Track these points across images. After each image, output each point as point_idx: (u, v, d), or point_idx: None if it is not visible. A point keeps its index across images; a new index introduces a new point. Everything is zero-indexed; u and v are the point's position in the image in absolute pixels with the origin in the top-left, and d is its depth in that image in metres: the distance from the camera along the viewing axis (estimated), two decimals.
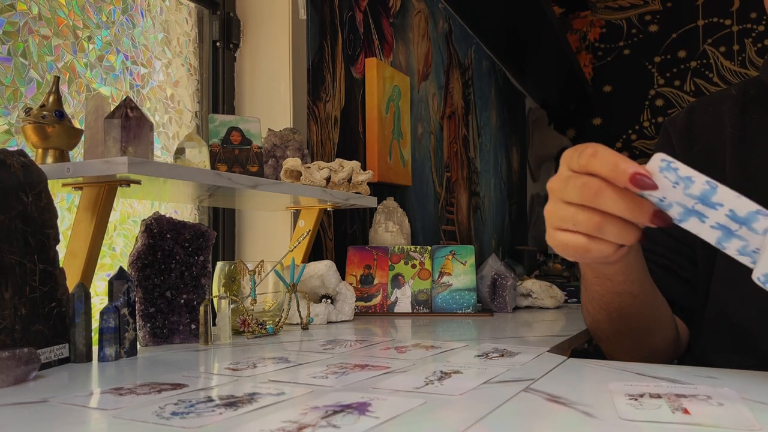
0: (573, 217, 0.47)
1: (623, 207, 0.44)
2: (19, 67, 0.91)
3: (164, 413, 0.41)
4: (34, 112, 0.78)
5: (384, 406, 0.41)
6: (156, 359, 0.66)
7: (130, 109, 0.78)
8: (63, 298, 0.64)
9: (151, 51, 1.18)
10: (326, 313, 1.04)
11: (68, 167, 0.72)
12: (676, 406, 0.41)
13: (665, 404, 0.41)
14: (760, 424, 0.37)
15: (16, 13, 0.91)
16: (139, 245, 0.76)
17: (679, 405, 0.41)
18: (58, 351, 0.62)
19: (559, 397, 0.44)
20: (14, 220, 0.59)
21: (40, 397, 0.48)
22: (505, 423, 0.38)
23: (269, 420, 0.38)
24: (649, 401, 0.42)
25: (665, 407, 0.41)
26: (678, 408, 0.40)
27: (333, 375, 0.54)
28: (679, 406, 0.41)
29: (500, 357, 0.62)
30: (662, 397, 0.43)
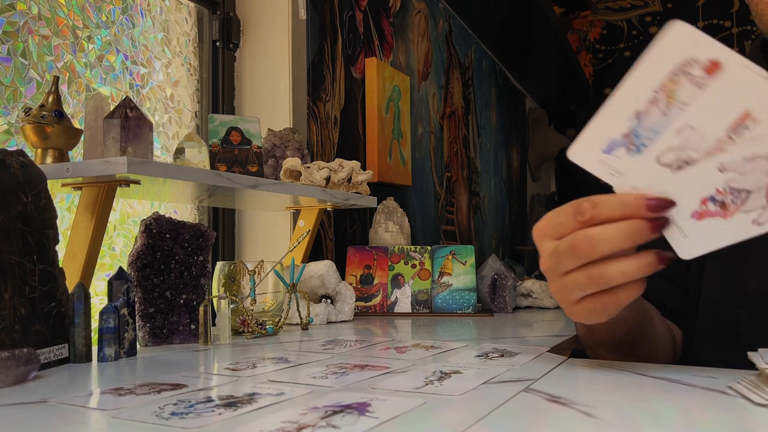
0: (577, 285, 0.45)
1: (618, 232, 0.43)
2: (19, 66, 0.90)
3: (164, 413, 0.41)
4: (33, 112, 0.78)
5: (384, 406, 0.41)
6: (155, 359, 0.66)
7: (129, 109, 0.78)
8: (62, 298, 0.64)
9: (150, 51, 1.18)
10: (326, 314, 1.04)
11: (68, 167, 0.72)
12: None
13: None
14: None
15: (16, 12, 0.91)
16: (139, 245, 0.76)
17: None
18: (57, 351, 0.62)
19: (559, 397, 0.44)
20: (14, 220, 0.59)
21: (40, 397, 0.47)
22: (505, 423, 0.38)
23: (269, 420, 0.38)
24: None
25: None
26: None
27: (333, 375, 0.53)
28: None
29: (500, 357, 0.62)
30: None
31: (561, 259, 0.45)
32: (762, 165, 0.42)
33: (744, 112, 0.41)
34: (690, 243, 0.44)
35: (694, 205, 0.44)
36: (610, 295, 0.45)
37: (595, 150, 0.46)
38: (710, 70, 0.41)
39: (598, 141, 0.45)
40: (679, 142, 0.43)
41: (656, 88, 0.43)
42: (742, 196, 0.43)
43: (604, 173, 0.46)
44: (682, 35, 0.42)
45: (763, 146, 0.41)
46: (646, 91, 0.43)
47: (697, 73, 0.42)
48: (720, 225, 0.43)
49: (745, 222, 0.43)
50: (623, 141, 0.45)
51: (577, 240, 0.44)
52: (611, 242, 0.43)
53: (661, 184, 0.44)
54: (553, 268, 0.46)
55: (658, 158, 0.44)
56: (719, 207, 0.43)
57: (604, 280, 0.44)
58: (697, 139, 0.43)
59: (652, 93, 0.43)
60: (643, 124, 0.44)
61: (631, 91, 0.44)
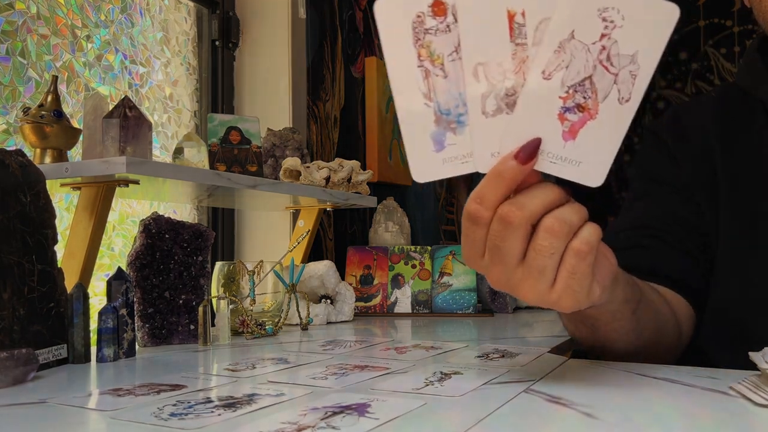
0: (538, 255, 0.40)
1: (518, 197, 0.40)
2: (18, 66, 0.90)
3: (163, 414, 0.41)
4: (32, 111, 0.78)
5: (384, 407, 0.41)
6: (154, 360, 0.66)
7: (128, 108, 0.78)
8: (61, 299, 0.63)
9: (149, 50, 1.17)
10: (326, 314, 1.04)
11: (67, 167, 0.72)
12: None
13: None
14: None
15: (15, 12, 0.90)
16: (138, 245, 0.76)
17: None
18: (56, 351, 0.62)
19: (559, 398, 0.44)
20: (13, 220, 0.58)
21: (39, 397, 0.47)
22: (505, 424, 0.38)
23: (268, 421, 0.38)
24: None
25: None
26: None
27: (332, 376, 0.53)
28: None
29: (501, 358, 0.62)
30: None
31: (502, 254, 0.40)
32: (575, 46, 0.39)
33: (508, 14, 0.39)
34: (588, 164, 0.40)
35: (557, 127, 0.40)
36: (575, 255, 0.40)
37: (430, 157, 0.42)
38: (440, 12, 0.40)
39: (423, 148, 0.42)
40: (486, 86, 0.40)
41: (417, 63, 0.41)
42: (586, 85, 0.40)
43: (457, 167, 0.42)
44: (389, 5, 0.41)
45: (558, 31, 0.39)
46: (412, 73, 0.41)
47: (432, 23, 0.40)
48: (597, 127, 0.40)
49: (614, 106, 0.40)
50: (442, 128, 0.42)
51: (494, 228, 0.40)
52: (526, 205, 0.39)
53: (511, 131, 0.40)
54: (504, 269, 0.41)
55: (485, 113, 0.41)
56: (579, 111, 0.40)
57: (558, 230, 0.39)
58: (496, 69, 0.40)
59: (418, 70, 0.41)
60: (440, 101, 0.41)
61: (402, 84, 0.41)
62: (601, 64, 0.40)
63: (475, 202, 0.41)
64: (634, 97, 0.40)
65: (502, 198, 0.40)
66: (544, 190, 0.40)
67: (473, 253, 0.42)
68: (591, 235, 0.40)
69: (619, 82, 0.40)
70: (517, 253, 0.40)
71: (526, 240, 0.40)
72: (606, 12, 0.39)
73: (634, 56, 0.39)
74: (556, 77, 0.40)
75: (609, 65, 0.40)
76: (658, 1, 0.39)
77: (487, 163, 0.41)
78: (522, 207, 0.39)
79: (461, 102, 0.41)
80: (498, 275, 0.42)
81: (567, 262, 0.40)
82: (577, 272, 0.40)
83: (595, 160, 0.40)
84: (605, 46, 0.39)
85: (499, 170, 0.40)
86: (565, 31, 0.39)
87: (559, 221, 0.39)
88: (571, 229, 0.40)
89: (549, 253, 0.39)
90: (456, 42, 0.40)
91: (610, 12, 0.39)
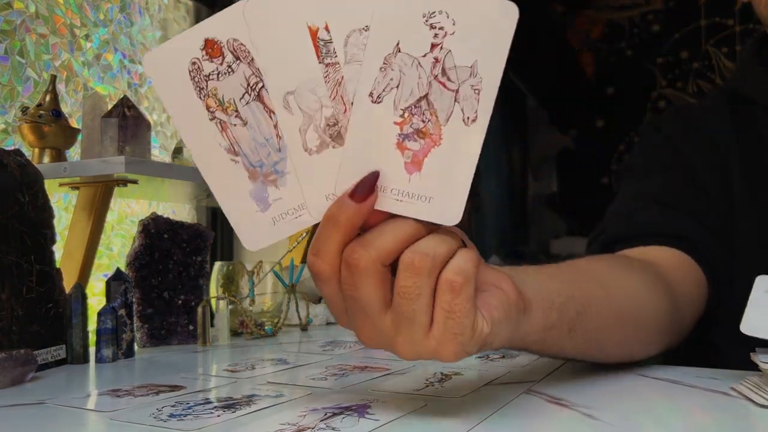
0: (405, 315, 0.34)
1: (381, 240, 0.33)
2: (16, 65, 0.90)
3: (162, 415, 0.40)
4: (31, 111, 0.78)
5: (384, 408, 0.41)
6: (154, 360, 0.66)
7: (127, 108, 0.78)
8: (60, 299, 0.63)
9: (149, 49, 1.17)
10: (325, 314, 1.04)
11: (65, 167, 0.72)
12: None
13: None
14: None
15: (14, 11, 0.90)
16: (137, 245, 0.76)
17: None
18: (55, 352, 0.61)
19: (560, 399, 0.44)
20: (11, 220, 0.58)
21: (37, 398, 0.47)
22: (506, 425, 0.37)
23: (268, 422, 0.38)
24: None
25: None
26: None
27: (332, 377, 0.53)
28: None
29: (501, 358, 0.62)
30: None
31: (361, 305, 0.34)
32: (403, 61, 0.34)
33: (310, 31, 0.34)
34: (441, 199, 0.34)
35: (398, 159, 0.34)
36: (449, 290, 0.33)
37: (257, 220, 0.36)
38: (215, 52, 0.35)
39: (247, 211, 0.36)
40: (301, 117, 0.35)
41: (208, 117, 0.35)
42: (423, 107, 0.34)
43: (291, 223, 0.36)
44: (158, 58, 0.35)
45: (379, 44, 0.33)
46: (207, 130, 0.35)
47: (211, 67, 0.35)
48: (444, 155, 0.34)
49: (459, 129, 0.34)
50: (260, 183, 0.36)
51: (344, 276, 0.34)
52: (374, 243, 0.33)
53: (346, 168, 0.34)
54: (371, 324, 0.35)
55: (308, 150, 0.35)
56: (420, 138, 0.34)
57: (420, 265, 0.33)
58: (309, 97, 0.34)
59: (212, 124, 0.35)
60: (247, 153, 0.35)
61: (200, 145, 0.35)
62: (436, 80, 0.34)
63: (312, 254, 0.35)
64: (481, 115, 0.34)
65: (340, 247, 0.34)
66: (395, 223, 0.34)
67: (335, 312, 0.37)
68: (465, 262, 0.33)
69: (461, 99, 0.34)
70: (377, 300, 0.34)
71: (383, 284, 0.34)
72: (433, 17, 0.33)
73: (474, 67, 0.33)
74: (386, 99, 0.34)
75: (446, 81, 0.34)
76: (491, 0, 0.33)
77: (323, 209, 0.35)
78: (368, 245, 0.33)
79: (272, 149, 0.35)
80: (368, 332, 0.36)
81: (440, 299, 0.33)
82: (455, 310, 0.33)
83: (448, 194, 0.34)
84: (438, 58, 0.33)
85: (333, 214, 0.33)
86: (388, 43, 0.33)
87: (420, 255, 0.33)
88: (436, 262, 0.33)
89: (415, 294, 0.33)
90: (245, 82, 0.35)
91: (438, 17, 0.33)
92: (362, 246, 0.33)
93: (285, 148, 0.35)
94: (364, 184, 0.34)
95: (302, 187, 0.35)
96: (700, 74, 3.18)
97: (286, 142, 0.35)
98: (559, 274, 0.49)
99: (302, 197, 0.35)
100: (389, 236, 0.33)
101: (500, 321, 0.36)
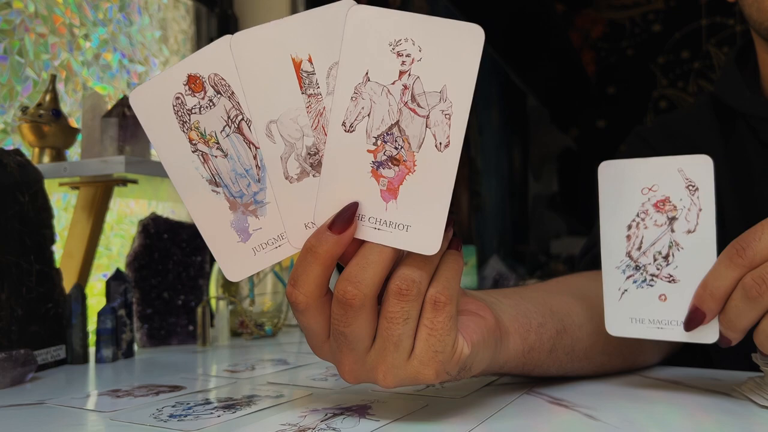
0: (392, 341, 0.34)
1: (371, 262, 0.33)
2: (15, 65, 0.90)
3: (162, 415, 0.40)
4: (30, 110, 0.78)
5: (384, 408, 0.41)
6: (153, 361, 0.66)
7: (127, 107, 0.78)
8: (60, 299, 0.63)
9: (148, 49, 1.17)
10: None
11: (65, 166, 0.72)
12: None
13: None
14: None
15: (13, 11, 0.90)
16: (136, 246, 0.76)
17: None
18: (54, 352, 0.61)
19: (562, 399, 0.44)
20: (11, 220, 0.58)
21: (37, 399, 0.47)
22: (507, 426, 0.37)
23: (268, 423, 0.38)
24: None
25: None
26: None
27: (332, 377, 0.53)
28: None
29: None
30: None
31: (349, 341, 0.35)
32: (372, 90, 0.34)
33: (293, 62, 0.35)
34: (419, 227, 0.34)
35: (374, 187, 0.34)
36: (432, 309, 0.34)
37: (238, 251, 0.36)
38: (197, 87, 0.36)
39: (228, 241, 0.36)
40: (283, 146, 0.35)
41: (191, 149, 0.36)
42: (395, 134, 0.34)
43: (271, 254, 0.36)
44: (144, 94, 0.36)
45: (349, 74, 0.34)
46: (190, 162, 0.36)
47: (193, 101, 0.36)
48: (419, 182, 0.34)
49: (433, 155, 0.34)
50: (240, 213, 0.36)
51: (335, 319, 0.34)
52: (363, 279, 0.33)
53: (323, 197, 0.35)
54: (356, 357, 0.35)
55: (289, 178, 0.35)
56: (395, 165, 0.34)
57: (407, 291, 0.34)
58: (291, 126, 0.35)
59: (195, 156, 0.36)
60: (227, 184, 0.36)
61: (183, 177, 0.36)
62: (407, 107, 0.34)
63: (291, 285, 0.35)
64: (453, 140, 0.33)
65: (320, 278, 0.34)
66: (375, 253, 0.34)
67: (313, 343, 0.37)
68: (447, 280, 0.35)
69: (432, 125, 0.34)
70: (367, 335, 0.34)
71: (373, 317, 0.34)
72: (399, 45, 0.34)
73: (443, 92, 0.33)
74: (359, 128, 0.34)
75: (416, 107, 0.34)
76: (457, 24, 0.34)
77: (303, 238, 0.35)
78: (358, 283, 0.33)
79: (252, 180, 0.36)
80: (350, 366, 0.36)
81: (424, 318, 0.34)
82: (437, 327, 0.34)
83: (425, 222, 0.34)
84: (407, 85, 0.34)
85: (312, 245, 0.34)
86: (357, 72, 0.34)
87: (407, 281, 0.33)
88: (421, 286, 0.34)
89: (403, 319, 0.34)
90: (225, 115, 0.35)
91: (403, 44, 0.34)
92: (352, 284, 0.33)
93: (264, 179, 0.36)
94: (343, 215, 0.34)
95: (282, 216, 0.36)
96: (701, 74, 3.18)
97: (267, 171, 0.36)
98: (536, 295, 0.49)
99: (282, 227, 0.36)
100: (375, 268, 0.34)
101: (479, 345, 0.37)
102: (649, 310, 0.42)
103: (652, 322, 0.42)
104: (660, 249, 0.42)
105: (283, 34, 0.35)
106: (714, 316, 0.40)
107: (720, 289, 0.39)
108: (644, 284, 0.42)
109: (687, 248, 0.41)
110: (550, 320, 0.46)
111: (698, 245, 0.41)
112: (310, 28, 0.34)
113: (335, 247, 0.34)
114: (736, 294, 0.39)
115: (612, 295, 0.44)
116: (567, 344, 0.47)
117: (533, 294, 0.49)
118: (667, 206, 0.42)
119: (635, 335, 0.43)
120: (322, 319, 0.36)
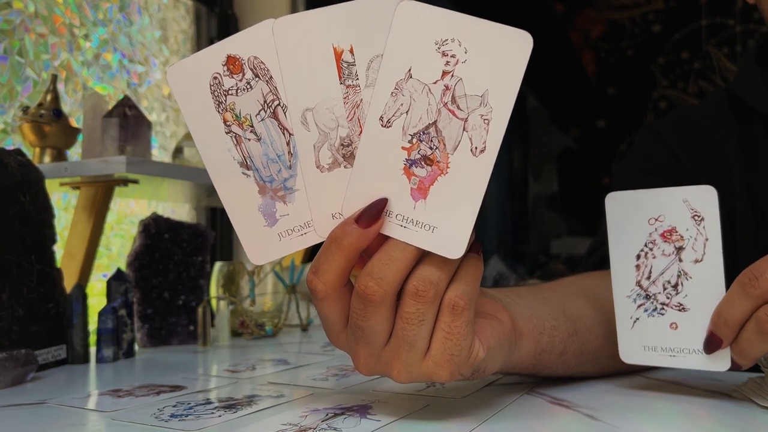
0: (407, 340, 0.34)
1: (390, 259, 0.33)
2: (15, 65, 0.90)
3: (163, 415, 0.40)
4: (31, 110, 0.78)
5: (385, 408, 0.41)
6: (154, 361, 0.66)
7: (128, 107, 0.78)
8: (60, 299, 0.63)
9: (148, 49, 1.17)
10: None
11: (66, 166, 0.72)
12: None
13: None
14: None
15: (13, 11, 0.90)
16: (137, 246, 0.76)
17: None
18: (55, 352, 0.61)
19: (562, 399, 0.44)
20: (11, 220, 0.58)
21: (38, 398, 0.47)
22: (508, 426, 0.37)
23: (269, 423, 0.38)
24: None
25: None
26: None
27: (333, 377, 0.53)
28: None
29: None
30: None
31: (366, 335, 0.35)
32: (413, 87, 0.33)
33: (335, 51, 0.34)
34: (445, 230, 0.33)
35: (404, 184, 0.34)
36: (450, 312, 0.34)
37: (263, 235, 0.36)
38: (236, 69, 0.35)
39: (254, 225, 0.36)
40: (317, 134, 0.35)
41: (224, 130, 0.36)
42: (432, 134, 0.34)
43: (296, 240, 0.36)
44: (181, 71, 0.36)
45: (392, 69, 0.33)
46: (223, 143, 0.36)
47: (231, 83, 0.35)
48: (450, 185, 0.33)
49: (467, 159, 0.33)
50: (269, 198, 0.36)
51: (354, 304, 0.34)
52: (385, 276, 0.33)
53: (353, 189, 0.34)
54: (372, 351, 0.36)
55: (320, 167, 0.35)
56: (427, 165, 0.34)
57: (424, 292, 0.33)
58: (327, 116, 0.35)
59: (228, 137, 0.36)
60: (259, 168, 0.36)
61: (215, 157, 0.36)
62: (446, 108, 0.33)
63: (312, 272, 0.35)
64: (490, 146, 0.33)
65: (341, 269, 0.34)
66: (396, 251, 0.34)
67: (330, 331, 0.37)
68: (467, 284, 0.34)
69: (470, 128, 0.33)
70: (384, 331, 0.35)
71: (391, 314, 0.34)
72: (446, 45, 0.33)
73: (484, 97, 0.33)
74: (396, 125, 0.34)
75: (455, 109, 0.33)
76: (506, 30, 0.33)
77: (329, 227, 0.35)
78: (380, 279, 0.33)
79: (283, 165, 0.36)
80: (365, 359, 0.36)
81: (441, 321, 0.34)
82: (454, 332, 0.34)
83: (451, 225, 0.33)
84: (449, 86, 0.33)
85: (337, 236, 0.33)
86: (400, 68, 0.33)
87: (424, 282, 0.33)
88: (439, 289, 0.34)
89: (418, 321, 0.34)
90: (262, 99, 0.35)
91: (450, 45, 0.33)
92: (374, 280, 0.33)
93: (296, 166, 0.36)
94: (371, 210, 0.34)
95: (310, 204, 0.36)
96: (701, 74, 3.18)
97: (299, 158, 0.35)
98: (550, 296, 0.50)
99: (309, 215, 0.36)
100: (398, 266, 0.33)
101: (495, 349, 0.37)
102: (661, 338, 0.43)
103: (665, 350, 0.43)
104: (669, 278, 0.42)
105: (326, 22, 0.34)
106: (730, 342, 0.40)
107: (734, 317, 0.39)
108: (655, 313, 0.43)
109: (695, 277, 0.42)
110: (563, 323, 0.46)
111: (706, 274, 0.41)
112: (354, 18, 0.34)
113: (360, 241, 0.33)
114: (749, 326, 0.39)
115: (624, 324, 0.44)
116: (577, 347, 0.48)
117: (548, 295, 0.50)
118: (674, 236, 0.42)
119: (648, 363, 0.44)
120: (340, 309, 0.36)
